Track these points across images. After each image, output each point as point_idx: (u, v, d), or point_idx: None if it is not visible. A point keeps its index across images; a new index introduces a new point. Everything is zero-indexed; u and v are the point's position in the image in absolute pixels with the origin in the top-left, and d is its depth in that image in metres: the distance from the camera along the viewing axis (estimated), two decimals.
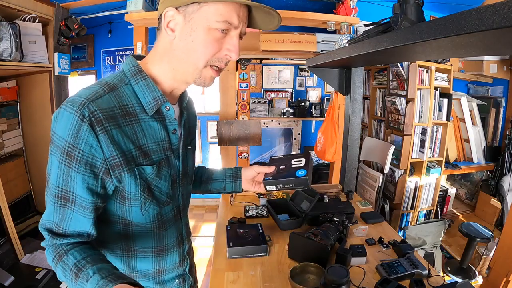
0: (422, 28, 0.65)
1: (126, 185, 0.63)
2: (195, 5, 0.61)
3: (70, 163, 0.57)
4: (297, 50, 1.85)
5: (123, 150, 0.61)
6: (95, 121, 0.57)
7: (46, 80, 2.35)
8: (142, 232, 0.71)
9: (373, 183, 2.59)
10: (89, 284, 0.53)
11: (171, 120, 0.70)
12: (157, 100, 0.66)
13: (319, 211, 1.43)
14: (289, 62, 3.57)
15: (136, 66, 0.67)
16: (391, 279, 0.99)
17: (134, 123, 0.64)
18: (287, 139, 3.82)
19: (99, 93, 0.60)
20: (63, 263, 0.59)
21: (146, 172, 0.66)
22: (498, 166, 2.77)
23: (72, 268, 0.57)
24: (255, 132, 1.94)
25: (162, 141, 0.69)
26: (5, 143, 2.37)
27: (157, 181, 0.68)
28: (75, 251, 0.61)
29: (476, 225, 2.06)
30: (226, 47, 0.65)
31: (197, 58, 0.64)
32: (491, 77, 2.99)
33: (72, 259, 0.59)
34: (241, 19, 0.64)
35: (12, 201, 2.34)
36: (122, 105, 0.63)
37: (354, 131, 1.86)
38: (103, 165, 0.59)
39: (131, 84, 0.66)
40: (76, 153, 0.57)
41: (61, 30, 2.27)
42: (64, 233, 0.62)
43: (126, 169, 0.62)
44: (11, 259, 2.02)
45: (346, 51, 1.15)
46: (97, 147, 0.58)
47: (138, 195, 0.65)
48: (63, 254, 0.61)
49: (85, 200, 0.60)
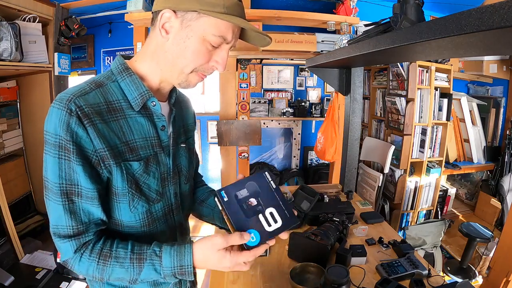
0: (422, 28, 0.65)
1: (113, 179, 0.64)
2: (194, 14, 0.62)
3: (69, 156, 0.59)
4: (297, 50, 1.85)
5: (110, 145, 0.62)
6: (82, 114, 0.58)
7: (46, 80, 2.35)
8: (132, 232, 0.70)
9: (373, 183, 2.59)
10: (165, 255, 0.62)
11: (159, 116, 0.71)
12: (142, 95, 0.67)
13: (319, 211, 1.43)
14: (289, 62, 3.57)
15: (122, 64, 0.69)
16: (391, 279, 0.99)
17: (120, 118, 0.65)
18: (287, 139, 3.82)
19: (85, 90, 0.62)
20: (116, 258, 0.62)
21: (133, 168, 0.66)
22: (498, 166, 2.77)
23: (131, 256, 0.62)
24: (255, 132, 1.94)
25: (150, 137, 0.69)
26: (5, 143, 2.37)
27: (145, 177, 0.68)
28: (118, 244, 0.64)
29: (476, 225, 2.05)
30: (215, 59, 0.67)
31: (185, 65, 0.65)
32: (491, 77, 2.99)
33: (123, 251, 0.63)
34: (235, 34, 0.66)
35: (12, 201, 2.34)
36: (108, 102, 0.64)
37: (354, 131, 1.87)
38: (93, 155, 0.61)
39: (117, 81, 0.67)
40: (71, 146, 0.58)
41: (61, 30, 2.27)
42: (83, 229, 0.62)
43: (113, 162, 0.63)
44: (11, 259, 2.01)
45: (346, 51, 1.15)
46: (86, 139, 0.59)
47: (125, 191, 0.65)
48: (108, 252, 0.63)
49: (90, 190, 0.61)
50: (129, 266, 0.62)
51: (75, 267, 0.63)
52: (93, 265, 0.62)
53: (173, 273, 0.62)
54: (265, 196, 0.68)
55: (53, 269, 1.92)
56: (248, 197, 0.67)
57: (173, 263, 0.62)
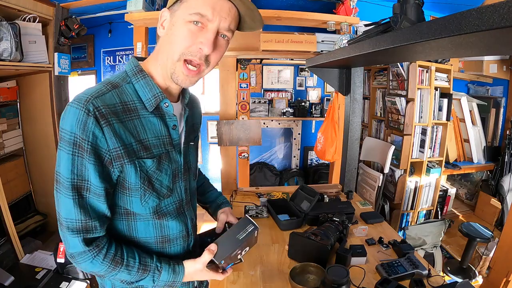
0: (422, 28, 0.65)
1: (127, 175, 0.67)
2: (178, 3, 0.68)
3: (83, 154, 0.62)
4: (297, 50, 1.85)
5: (125, 143, 0.65)
6: (99, 115, 0.61)
7: (46, 80, 2.35)
8: (143, 222, 0.74)
9: (373, 183, 2.59)
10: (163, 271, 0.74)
11: (170, 116, 0.74)
12: (156, 97, 0.71)
13: (319, 211, 1.43)
14: (289, 62, 3.57)
15: (137, 66, 0.72)
16: (391, 279, 0.99)
17: (135, 118, 0.68)
18: (287, 139, 3.82)
19: (102, 91, 0.65)
20: (127, 266, 0.70)
21: (147, 165, 0.69)
22: (498, 166, 2.77)
23: (138, 267, 0.71)
24: (255, 132, 1.94)
25: (162, 136, 0.73)
26: (5, 143, 2.37)
27: (158, 174, 0.72)
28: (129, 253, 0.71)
29: (476, 225, 2.06)
30: (199, 40, 0.66)
31: (173, 51, 0.67)
32: (491, 77, 2.99)
33: (133, 260, 0.71)
34: (217, 12, 0.66)
35: (12, 201, 2.34)
36: (124, 102, 0.67)
37: (354, 131, 1.87)
38: (106, 155, 0.64)
39: (132, 83, 0.71)
40: (86, 144, 0.61)
41: (61, 30, 2.27)
42: (91, 224, 0.65)
43: (127, 160, 0.66)
44: (11, 259, 2.01)
45: (346, 51, 1.15)
46: (102, 139, 0.62)
47: (138, 186, 0.69)
48: (119, 260, 0.69)
49: (99, 188, 0.64)
50: (135, 273, 0.71)
51: (82, 264, 0.67)
52: (103, 268, 0.68)
53: (165, 285, 0.76)
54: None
55: (53, 269, 1.92)
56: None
57: (169, 278, 0.75)
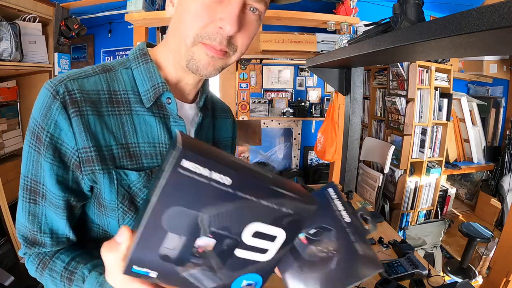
0: (422, 28, 0.65)
1: (101, 188, 0.51)
2: None
3: (39, 148, 0.47)
4: (297, 50, 1.85)
5: (99, 144, 0.49)
6: (70, 100, 0.47)
7: (46, 80, 2.32)
8: None
9: (373, 183, 2.59)
10: (87, 284, 0.47)
11: (175, 118, 0.55)
12: (155, 88, 0.53)
13: None
14: (289, 62, 3.57)
15: (142, 49, 0.56)
16: (391, 279, 0.99)
17: (124, 113, 0.51)
18: (287, 139, 3.82)
19: (87, 73, 0.51)
20: (50, 270, 0.51)
21: (130, 179, 0.51)
22: (498, 166, 2.77)
23: (62, 273, 0.50)
24: (255, 132, 1.94)
25: (159, 144, 0.54)
26: (5, 143, 2.37)
27: (144, 193, 0.53)
28: (61, 254, 0.52)
29: (476, 225, 2.05)
30: (219, 16, 0.47)
31: (184, 33, 0.49)
32: (491, 77, 2.99)
33: (60, 263, 0.51)
34: None
35: (12, 201, 2.34)
36: (112, 90, 0.52)
37: (354, 131, 1.87)
38: (73, 155, 0.48)
39: (131, 68, 0.55)
40: (44, 135, 0.47)
41: (61, 30, 2.27)
42: (40, 240, 0.51)
43: (100, 168, 0.49)
44: (11, 259, 2.01)
45: (346, 51, 1.15)
46: (68, 132, 0.47)
47: (114, 206, 0.51)
48: (48, 260, 0.52)
49: (55, 196, 0.49)
50: (60, 283, 0.50)
51: (29, 270, 0.54)
52: (33, 269, 0.53)
53: None
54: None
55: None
56: None
57: None
